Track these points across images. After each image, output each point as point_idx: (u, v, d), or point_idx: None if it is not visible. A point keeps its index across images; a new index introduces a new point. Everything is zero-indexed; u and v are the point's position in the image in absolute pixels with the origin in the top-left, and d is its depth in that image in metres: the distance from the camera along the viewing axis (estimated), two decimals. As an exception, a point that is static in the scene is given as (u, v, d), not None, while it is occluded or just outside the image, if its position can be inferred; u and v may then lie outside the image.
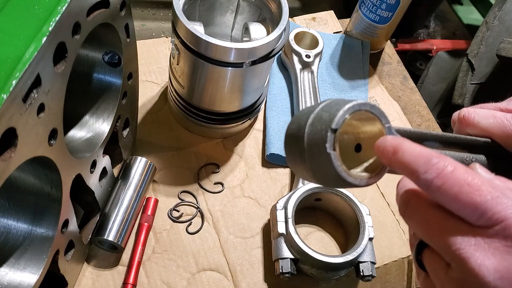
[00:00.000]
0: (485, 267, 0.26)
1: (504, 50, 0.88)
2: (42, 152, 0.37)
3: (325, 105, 0.32)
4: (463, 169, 0.28)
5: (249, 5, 0.66)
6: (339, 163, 0.30)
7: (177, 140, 0.71)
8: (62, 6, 0.35)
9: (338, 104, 0.31)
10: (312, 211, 0.68)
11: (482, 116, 0.36)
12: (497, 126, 0.35)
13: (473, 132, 0.37)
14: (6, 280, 0.43)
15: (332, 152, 0.30)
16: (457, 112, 0.39)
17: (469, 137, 0.36)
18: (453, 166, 0.28)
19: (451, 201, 0.28)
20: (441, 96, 1.14)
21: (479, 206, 0.27)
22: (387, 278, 0.65)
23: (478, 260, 0.27)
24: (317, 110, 0.32)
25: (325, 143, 0.30)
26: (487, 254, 0.27)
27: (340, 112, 0.30)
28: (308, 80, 0.76)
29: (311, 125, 0.32)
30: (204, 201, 0.67)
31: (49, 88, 0.35)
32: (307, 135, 0.32)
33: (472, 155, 0.36)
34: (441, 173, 0.28)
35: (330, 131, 0.30)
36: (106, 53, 0.52)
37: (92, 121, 0.55)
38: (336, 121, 0.30)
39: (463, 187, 0.27)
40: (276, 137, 0.72)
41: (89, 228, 0.57)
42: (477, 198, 0.27)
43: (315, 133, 0.31)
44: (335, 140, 0.30)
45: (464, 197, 0.27)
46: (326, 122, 0.30)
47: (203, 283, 0.60)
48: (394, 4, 0.77)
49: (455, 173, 0.28)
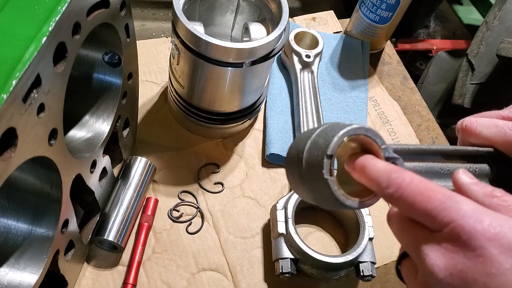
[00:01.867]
0: (436, 266, 0.29)
1: (504, 50, 0.88)
2: (42, 152, 0.37)
3: (321, 131, 0.33)
4: (418, 180, 0.30)
5: (249, 5, 0.66)
6: (336, 187, 0.31)
7: (177, 140, 0.71)
8: (62, 6, 0.35)
9: (333, 130, 0.32)
10: (312, 211, 0.68)
11: (484, 125, 0.37)
12: (499, 135, 0.36)
13: (476, 142, 0.38)
14: (6, 280, 0.43)
15: (329, 177, 0.31)
16: (460, 121, 0.40)
17: (470, 148, 0.37)
18: (409, 178, 0.30)
19: (409, 210, 0.31)
20: (441, 96, 1.14)
21: (430, 212, 0.29)
22: (387, 278, 0.65)
23: (431, 260, 0.29)
24: (314, 135, 0.33)
25: (322, 169, 0.31)
26: (438, 254, 0.29)
27: (335, 138, 0.31)
28: (308, 80, 0.76)
29: (308, 151, 0.33)
30: (204, 201, 0.67)
31: (49, 88, 0.35)
32: (305, 161, 0.33)
33: (475, 165, 0.36)
34: (400, 186, 0.30)
35: (326, 157, 0.31)
36: (106, 53, 0.52)
37: (92, 121, 0.55)
38: (331, 148, 0.31)
39: (416, 197, 0.30)
40: (276, 137, 0.72)
41: (89, 228, 0.57)
42: (427, 205, 0.29)
43: (312, 159, 0.32)
44: (331, 165, 0.31)
45: (418, 205, 0.30)
46: (322, 148, 0.31)
47: (203, 283, 0.60)
48: (394, 4, 0.77)
49: (411, 185, 0.30)
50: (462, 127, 0.39)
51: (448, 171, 0.35)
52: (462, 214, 0.29)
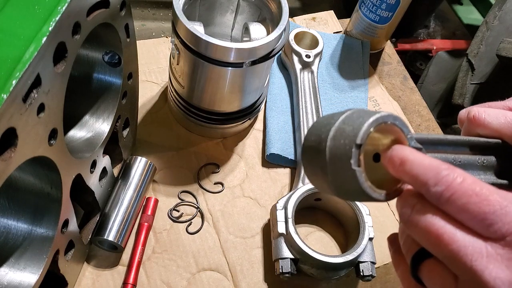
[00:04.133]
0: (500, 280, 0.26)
1: (504, 50, 0.88)
2: (42, 152, 0.37)
3: (346, 117, 0.31)
4: (471, 180, 0.28)
5: (249, 5, 0.66)
6: (364, 179, 0.29)
7: (177, 140, 0.71)
8: (62, 6, 0.35)
9: (360, 117, 0.30)
10: (312, 211, 0.67)
11: (493, 116, 0.36)
12: (508, 126, 0.35)
13: (484, 133, 0.36)
14: (6, 280, 0.43)
15: (357, 168, 0.29)
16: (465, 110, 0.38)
17: (482, 140, 0.36)
18: (462, 177, 0.28)
19: (460, 211, 0.27)
20: (441, 96, 1.14)
21: (488, 216, 0.26)
22: (387, 278, 0.65)
23: (492, 273, 0.26)
24: (339, 122, 0.31)
25: (349, 159, 0.29)
26: (501, 267, 0.26)
27: (365, 126, 0.29)
28: (308, 80, 0.76)
29: (333, 139, 0.30)
30: (204, 201, 0.67)
31: (49, 88, 0.35)
32: (329, 149, 0.30)
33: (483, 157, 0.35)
34: (450, 185, 0.27)
35: (355, 146, 0.29)
36: (106, 53, 0.52)
37: (92, 121, 0.55)
38: (361, 136, 0.29)
39: (471, 197, 0.27)
40: (276, 137, 0.72)
41: (89, 228, 0.57)
42: (485, 208, 0.27)
43: (338, 148, 0.30)
44: (360, 155, 0.29)
45: (472, 207, 0.27)
46: (350, 137, 0.29)
47: (203, 283, 0.60)
48: (394, 4, 0.77)
49: (463, 184, 0.27)
50: (469, 117, 0.37)
51: (460, 162, 0.34)
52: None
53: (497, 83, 0.94)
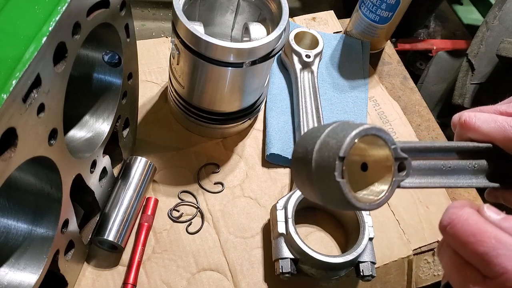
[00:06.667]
0: None
1: (504, 50, 0.88)
2: (42, 152, 0.37)
3: (331, 130, 0.32)
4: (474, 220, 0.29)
5: (249, 5, 0.66)
6: (347, 190, 0.30)
7: (177, 140, 0.71)
8: (62, 6, 0.35)
9: (344, 130, 0.31)
10: (312, 211, 0.67)
11: (483, 120, 0.36)
12: (498, 130, 0.35)
13: (474, 137, 0.37)
14: (6, 280, 0.43)
15: (341, 180, 0.30)
16: (457, 115, 0.39)
17: (472, 144, 0.37)
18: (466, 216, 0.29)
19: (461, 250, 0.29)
20: (441, 96, 1.14)
21: (483, 257, 0.28)
22: (387, 278, 0.65)
23: None
24: (324, 135, 0.32)
25: (333, 171, 0.30)
26: None
27: (347, 139, 0.30)
28: (308, 80, 0.76)
29: (319, 151, 0.32)
30: (204, 201, 0.67)
31: (49, 88, 0.35)
32: (315, 162, 0.32)
33: (474, 161, 0.36)
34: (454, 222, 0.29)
35: (338, 159, 0.30)
36: (106, 53, 0.52)
37: (92, 121, 0.55)
38: (343, 149, 0.30)
39: (469, 237, 0.28)
40: (276, 137, 0.72)
41: (89, 228, 0.57)
42: (480, 249, 0.28)
43: (323, 160, 0.31)
44: (343, 167, 0.30)
45: (470, 247, 0.28)
46: (333, 149, 0.30)
47: (203, 283, 0.60)
48: (394, 4, 0.77)
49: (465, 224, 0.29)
50: (461, 122, 0.38)
51: (450, 167, 0.35)
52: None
53: (497, 83, 0.94)
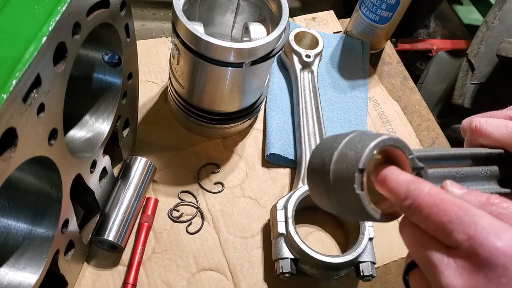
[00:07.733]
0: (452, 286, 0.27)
1: (504, 50, 0.88)
2: (42, 152, 0.37)
3: (348, 141, 0.32)
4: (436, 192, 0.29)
5: (249, 5, 0.66)
6: (367, 202, 0.30)
7: (177, 140, 0.71)
8: (62, 6, 0.35)
9: (362, 141, 0.31)
10: (312, 211, 0.67)
11: (494, 126, 0.37)
12: (509, 136, 0.36)
13: (486, 143, 0.37)
14: (6, 280, 0.43)
15: (361, 192, 0.30)
16: (467, 120, 0.39)
17: (485, 151, 0.37)
18: (427, 189, 0.29)
19: (424, 222, 0.29)
20: (441, 96, 1.14)
21: (445, 226, 0.28)
22: (387, 278, 0.65)
23: (447, 279, 0.28)
24: (341, 146, 0.32)
25: (352, 183, 0.30)
26: (455, 274, 0.27)
27: (366, 151, 0.30)
28: (308, 80, 0.76)
29: (336, 163, 0.31)
30: (204, 201, 0.67)
31: (49, 88, 0.35)
32: (333, 173, 0.31)
33: (486, 168, 0.36)
34: (416, 198, 0.29)
35: (358, 171, 0.30)
36: (106, 53, 0.52)
37: (92, 121, 0.55)
38: (363, 161, 0.30)
39: (431, 208, 0.29)
40: (276, 137, 0.72)
41: (89, 228, 0.57)
42: (443, 218, 0.28)
43: (341, 172, 0.31)
44: (362, 179, 0.30)
45: (433, 218, 0.28)
46: (352, 161, 0.30)
47: (203, 283, 0.60)
48: (394, 4, 0.77)
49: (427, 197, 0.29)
50: (471, 128, 0.38)
51: (463, 174, 0.35)
52: (480, 229, 0.27)
53: (497, 83, 0.94)
